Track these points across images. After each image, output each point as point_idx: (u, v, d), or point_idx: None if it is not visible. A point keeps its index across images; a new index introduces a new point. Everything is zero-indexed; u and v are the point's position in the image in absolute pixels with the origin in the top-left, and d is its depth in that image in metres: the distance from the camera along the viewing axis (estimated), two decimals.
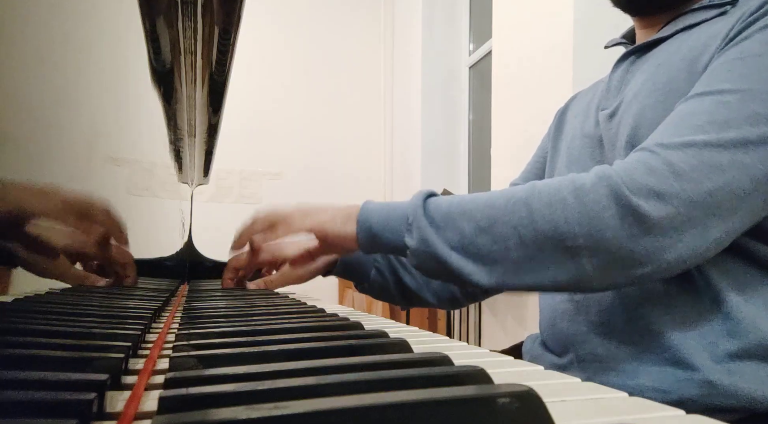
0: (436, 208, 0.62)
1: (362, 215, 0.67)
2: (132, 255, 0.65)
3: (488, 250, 0.58)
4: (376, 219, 0.65)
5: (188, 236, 1.28)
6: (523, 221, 0.56)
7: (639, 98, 0.66)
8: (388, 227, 0.64)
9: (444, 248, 0.60)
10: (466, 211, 0.60)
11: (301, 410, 0.18)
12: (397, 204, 0.65)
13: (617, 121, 0.69)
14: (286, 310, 0.55)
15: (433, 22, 3.59)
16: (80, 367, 0.25)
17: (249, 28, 1.21)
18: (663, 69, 0.66)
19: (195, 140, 1.04)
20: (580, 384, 0.29)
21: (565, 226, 0.54)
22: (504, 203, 0.58)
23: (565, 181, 0.57)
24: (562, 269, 0.55)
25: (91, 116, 0.58)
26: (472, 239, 0.59)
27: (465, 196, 0.62)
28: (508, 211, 0.57)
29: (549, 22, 2.07)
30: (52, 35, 0.45)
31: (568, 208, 0.55)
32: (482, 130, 3.22)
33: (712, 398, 0.56)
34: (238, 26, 0.66)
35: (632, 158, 0.56)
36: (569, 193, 0.55)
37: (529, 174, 0.92)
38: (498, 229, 0.57)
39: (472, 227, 0.59)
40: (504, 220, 0.57)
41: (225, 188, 3.86)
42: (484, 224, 0.58)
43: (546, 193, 0.56)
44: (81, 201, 0.51)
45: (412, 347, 0.33)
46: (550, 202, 0.56)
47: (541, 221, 0.55)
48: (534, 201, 0.57)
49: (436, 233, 0.60)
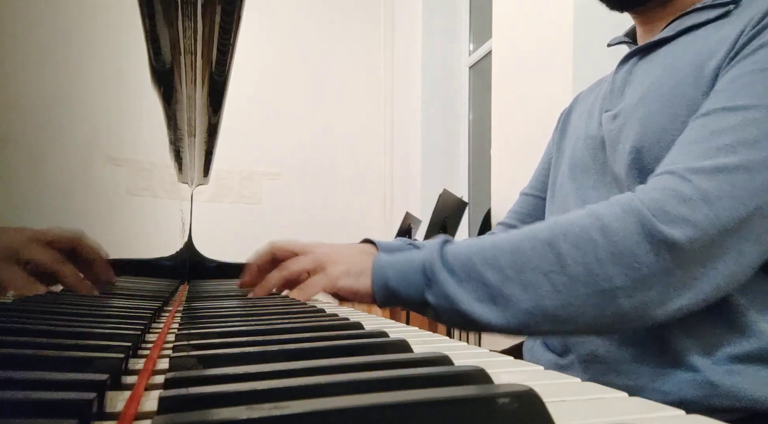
0: (454, 258, 0.58)
1: (377, 271, 0.62)
2: (101, 254, 0.61)
3: (518, 299, 0.54)
4: (392, 274, 0.61)
5: (188, 236, 1.28)
6: (553, 267, 0.53)
7: (645, 103, 0.65)
8: (405, 281, 0.60)
9: (469, 301, 0.56)
10: (488, 258, 0.56)
11: (301, 410, 0.18)
12: (413, 256, 0.61)
13: (620, 123, 0.68)
14: (286, 310, 0.55)
15: (433, 22, 3.59)
16: (80, 367, 0.25)
17: (249, 28, 1.21)
18: (669, 73, 0.65)
19: (195, 140, 1.04)
20: (580, 384, 0.29)
21: (599, 267, 0.52)
22: (529, 248, 0.55)
23: (588, 218, 0.54)
24: (599, 312, 0.53)
25: (91, 116, 0.58)
26: (500, 289, 0.55)
27: (484, 242, 0.58)
28: (536, 256, 0.54)
29: (549, 22, 2.07)
30: (53, 35, 0.45)
31: (599, 249, 0.52)
32: (482, 130, 3.22)
33: (713, 400, 0.56)
34: (238, 26, 0.66)
35: (659, 185, 0.54)
36: (596, 231, 0.53)
37: (537, 182, 0.91)
38: (527, 276, 0.54)
39: (497, 276, 0.55)
40: (532, 266, 0.54)
41: (225, 188, 3.86)
42: (510, 272, 0.55)
43: (572, 234, 0.54)
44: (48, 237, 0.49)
45: (412, 347, 0.33)
46: (577, 243, 0.53)
47: (572, 265, 0.53)
48: (560, 243, 0.54)
49: (459, 285, 0.56)
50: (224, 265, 1.26)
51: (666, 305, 0.53)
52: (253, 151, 3.88)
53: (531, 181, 0.93)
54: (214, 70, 0.79)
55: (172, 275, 1.08)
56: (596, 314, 0.53)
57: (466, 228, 3.22)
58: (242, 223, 3.69)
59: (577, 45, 1.90)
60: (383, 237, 0.84)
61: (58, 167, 0.49)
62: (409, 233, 2.75)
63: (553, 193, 0.83)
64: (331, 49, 4.13)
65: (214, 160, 1.28)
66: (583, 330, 0.56)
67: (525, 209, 0.91)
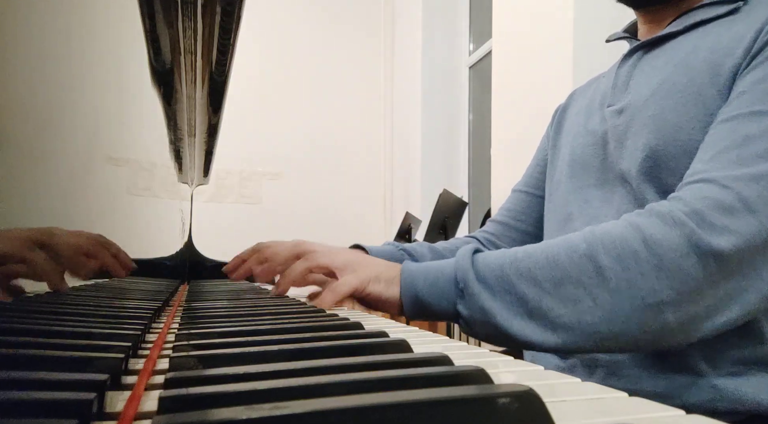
0: (487, 269, 0.56)
1: (406, 280, 0.60)
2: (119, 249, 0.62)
3: (557, 314, 0.52)
4: (422, 284, 0.58)
5: (188, 236, 1.28)
6: (593, 281, 0.51)
7: (657, 99, 0.64)
8: (436, 293, 0.57)
9: (504, 315, 0.54)
10: (523, 271, 0.54)
11: (301, 410, 0.18)
12: (443, 265, 0.59)
13: (627, 118, 0.67)
14: (286, 310, 0.55)
15: (433, 22, 3.59)
16: (80, 367, 0.25)
17: (249, 27, 1.21)
18: (681, 70, 0.63)
19: (195, 140, 1.04)
20: (580, 384, 0.29)
21: (642, 281, 0.50)
22: (566, 260, 0.53)
23: (627, 229, 0.52)
24: (643, 327, 0.51)
25: (91, 116, 0.58)
26: (537, 304, 0.53)
27: (517, 252, 0.56)
28: (574, 269, 0.52)
29: (549, 22, 2.07)
30: (53, 35, 0.45)
31: (642, 262, 0.50)
32: (482, 130, 3.22)
33: (716, 403, 0.56)
34: (238, 26, 0.66)
35: (699, 193, 0.52)
36: (639, 243, 0.51)
37: (531, 178, 0.90)
38: (566, 291, 0.52)
39: (534, 289, 0.53)
40: (571, 280, 0.52)
41: (225, 188, 3.86)
42: (548, 285, 0.53)
43: (612, 247, 0.52)
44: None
45: (412, 347, 0.33)
46: (619, 256, 0.51)
47: (614, 280, 0.51)
48: (600, 256, 0.52)
49: (493, 298, 0.54)
50: (224, 265, 1.26)
51: (713, 318, 0.51)
52: (253, 151, 3.88)
53: (524, 178, 0.93)
54: (214, 70, 0.78)
55: (172, 275, 1.08)
56: (640, 329, 0.51)
57: (466, 228, 3.22)
58: (242, 223, 3.69)
59: (577, 45, 1.90)
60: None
61: (58, 167, 0.49)
62: (409, 233, 2.75)
63: (551, 190, 0.82)
64: (332, 49, 4.13)
65: (214, 160, 1.28)
66: (625, 347, 0.53)
67: (518, 207, 0.90)
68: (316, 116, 4.07)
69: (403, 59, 3.94)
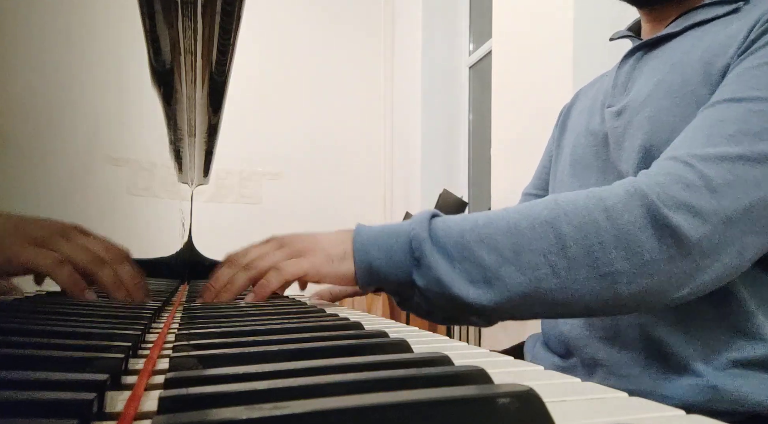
0: (446, 235, 0.54)
1: (359, 249, 0.57)
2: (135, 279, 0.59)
3: (516, 282, 0.52)
4: (375, 253, 0.56)
5: (188, 236, 1.28)
6: (553, 248, 0.51)
7: (653, 99, 0.64)
8: (391, 262, 0.55)
9: (462, 284, 0.53)
10: (483, 237, 0.53)
11: (301, 410, 0.18)
12: (398, 229, 0.56)
13: (626, 119, 0.67)
14: (286, 310, 0.55)
15: (433, 22, 3.59)
16: (80, 367, 0.25)
17: (249, 28, 1.21)
18: (677, 70, 0.63)
19: (195, 140, 1.04)
20: (580, 384, 0.29)
21: (600, 251, 0.50)
22: (528, 227, 0.52)
23: (591, 199, 0.53)
24: (596, 296, 0.51)
25: (91, 116, 0.58)
26: (496, 271, 0.52)
27: (477, 219, 0.55)
28: (535, 237, 0.52)
29: (549, 22, 2.07)
30: (53, 35, 0.45)
31: (601, 231, 0.51)
32: (482, 130, 3.22)
33: (716, 404, 0.56)
34: (238, 26, 0.66)
35: (663, 169, 0.53)
36: (600, 213, 0.51)
37: (540, 180, 0.90)
38: (525, 258, 0.52)
39: (494, 257, 0.52)
40: (531, 247, 0.52)
41: (225, 188, 3.86)
42: (508, 253, 0.52)
43: (574, 215, 0.52)
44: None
45: (412, 347, 0.33)
46: (580, 225, 0.51)
47: (573, 247, 0.51)
48: (562, 224, 0.52)
49: (451, 266, 0.53)
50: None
51: (666, 294, 0.51)
52: (253, 151, 3.88)
53: (533, 180, 0.92)
54: (214, 70, 0.78)
55: (172, 275, 1.08)
56: (593, 298, 0.52)
57: None
58: (242, 223, 3.69)
59: (577, 45, 1.90)
60: None
61: (58, 167, 0.49)
62: None
63: (553, 189, 0.82)
64: (331, 49, 4.13)
65: (214, 160, 1.28)
66: (577, 314, 0.54)
67: None
68: (316, 116, 4.06)
69: (403, 59, 3.94)
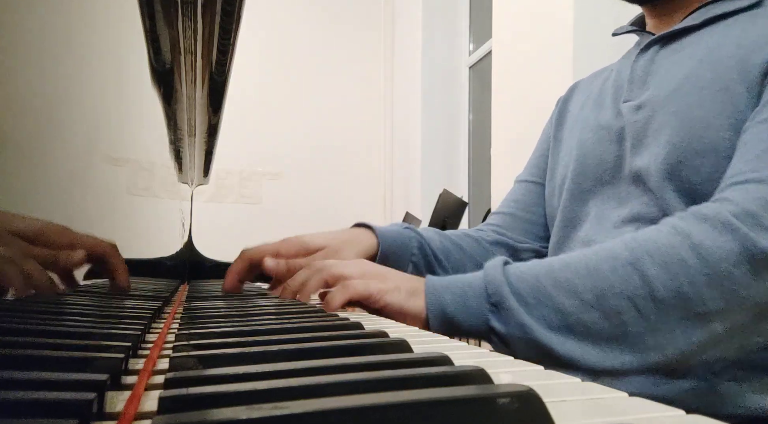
0: (520, 281, 0.52)
1: (431, 293, 0.55)
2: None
3: (600, 328, 0.49)
4: (449, 297, 0.55)
5: (188, 236, 1.28)
6: (639, 291, 0.48)
7: (680, 95, 0.62)
8: (466, 308, 0.54)
9: (542, 330, 0.50)
10: (560, 281, 0.51)
11: (301, 410, 0.18)
12: (470, 279, 0.55)
13: (647, 114, 0.65)
14: (286, 310, 0.55)
15: (433, 22, 3.59)
16: (80, 367, 0.25)
17: (249, 28, 1.21)
18: (706, 65, 0.62)
19: (195, 140, 1.04)
20: (580, 384, 0.29)
21: (691, 291, 0.48)
22: (608, 269, 0.50)
23: (675, 236, 0.50)
24: (690, 337, 0.49)
25: (91, 116, 0.58)
26: (578, 317, 0.50)
27: (552, 263, 0.53)
28: (618, 279, 0.49)
29: (549, 22, 2.07)
30: (53, 35, 0.45)
31: (691, 271, 0.48)
32: (482, 130, 3.22)
33: (718, 407, 0.56)
34: (238, 26, 0.66)
35: (749, 195, 0.50)
36: (687, 251, 0.48)
37: (536, 168, 0.88)
38: (609, 302, 0.49)
39: (574, 302, 0.50)
40: (614, 291, 0.49)
41: (225, 188, 3.86)
42: (589, 297, 0.50)
43: (659, 254, 0.49)
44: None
45: (412, 347, 0.33)
46: (666, 265, 0.48)
47: (661, 289, 0.48)
48: (646, 264, 0.49)
49: (528, 312, 0.51)
50: (224, 265, 1.26)
51: (759, 325, 0.50)
52: (253, 151, 3.88)
53: (527, 168, 0.90)
54: (214, 70, 0.78)
55: (172, 275, 1.08)
56: (686, 340, 0.49)
57: (466, 228, 3.22)
58: (242, 223, 3.70)
59: (577, 45, 1.90)
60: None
61: (58, 167, 0.49)
62: None
63: (555, 185, 0.80)
64: (332, 49, 4.14)
65: (214, 160, 1.28)
66: (670, 358, 0.50)
67: (526, 197, 0.87)
68: (316, 116, 4.07)
69: (403, 59, 3.94)
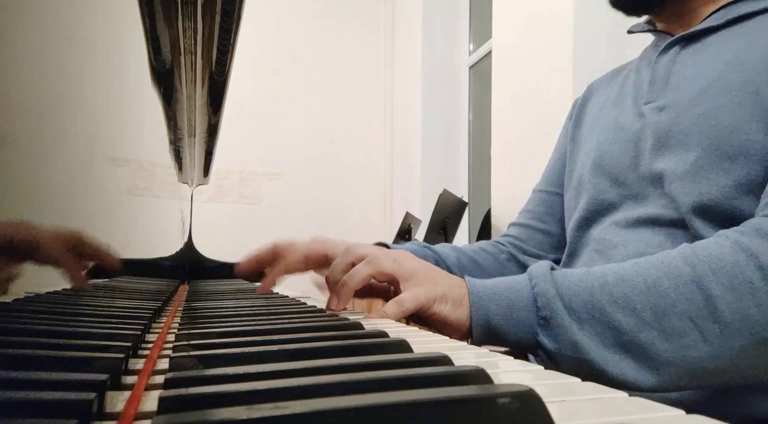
0: (573, 294, 0.50)
1: (476, 303, 0.53)
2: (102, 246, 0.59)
3: (658, 349, 0.47)
4: (495, 308, 0.52)
5: (188, 236, 1.28)
6: (703, 312, 0.46)
7: (707, 97, 0.61)
8: (513, 320, 0.52)
9: (597, 349, 0.48)
10: (618, 297, 0.49)
11: (301, 410, 0.18)
12: (518, 287, 0.53)
13: (671, 116, 0.64)
14: (286, 310, 0.55)
15: (433, 22, 3.59)
16: (80, 367, 0.25)
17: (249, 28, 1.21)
18: (734, 67, 0.61)
19: (195, 140, 1.04)
20: (581, 384, 0.29)
21: (759, 314, 0.46)
22: (671, 287, 0.48)
23: (740, 254, 0.48)
24: (754, 363, 0.47)
25: (91, 116, 0.58)
26: (634, 336, 0.47)
27: (606, 275, 0.50)
28: (681, 298, 0.47)
29: (549, 22, 2.07)
30: (53, 35, 0.45)
31: (758, 293, 0.46)
32: (482, 130, 3.22)
33: (717, 407, 0.55)
34: (238, 26, 0.66)
35: None
36: (755, 272, 0.46)
37: (552, 177, 0.87)
38: (670, 322, 0.47)
39: (632, 320, 0.48)
40: (676, 310, 0.47)
41: (225, 188, 3.86)
42: (648, 316, 0.47)
43: (724, 274, 0.47)
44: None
45: (412, 347, 0.33)
46: (732, 286, 0.46)
47: (727, 311, 0.46)
48: (711, 284, 0.47)
49: (581, 329, 0.49)
50: (224, 265, 1.26)
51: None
52: (253, 151, 3.88)
53: (545, 177, 0.89)
54: (214, 70, 0.78)
55: (172, 275, 1.08)
56: (749, 365, 0.47)
57: (466, 228, 3.22)
58: (242, 223, 3.69)
59: (577, 45, 1.90)
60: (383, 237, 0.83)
61: (58, 167, 0.49)
62: (409, 233, 2.75)
63: (570, 186, 0.79)
64: (332, 49, 4.13)
65: (214, 160, 1.28)
66: (729, 382, 0.49)
67: (541, 208, 0.87)
68: (316, 116, 4.07)
69: (403, 59, 3.94)
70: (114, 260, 0.61)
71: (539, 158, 0.93)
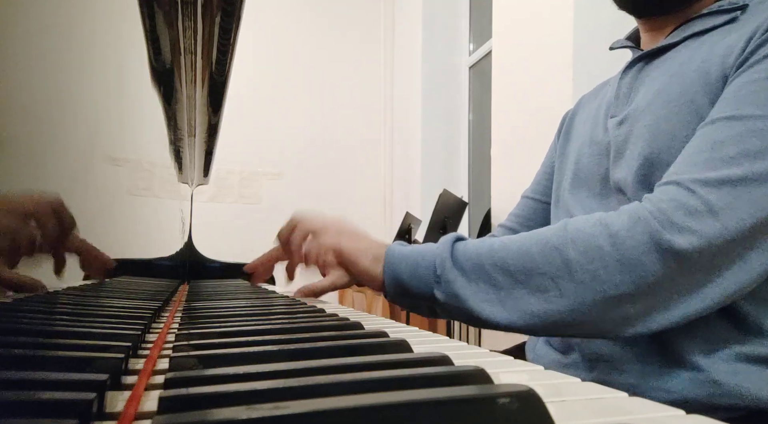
0: (465, 257, 0.60)
1: (389, 261, 0.64)
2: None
3: (526, 302, 0.56)
4: (404, 267, 0.63)
5: (188, 236, 1.28)
6: (561, 272, 0.55)
7: (652, 109, 0.65)
8: (415, 276, 0.62)
9: (476, 301, 0.58)
10: (497, 260, 0.58)
11: (301, 410, 0.18)
12: (425, 250, 0.63)
13: (627, 129, 0.68)
14: (286, 310, 0.55)
15: (433, 22, 3.59)
16: (80, 367, 0.25)
17: (249, 28, 1.21)
18: (676, 80, 0.64)
19: (195, 140, 1.04)
20: (580, 384, 0.29)
21: (606, 275, 0.53)
22: (538, 252, 0.57)
23: (597, 225, 0.56)
24: (605, 317, 0.55)
25: (91, 116, 0.58)
26: (508, 292, 0.57)
27: (494, 243, 0.60)
28: (544, 260, 0.56)
29: (549, 22, 2.07)
30: (53, 35, 0.45)
31: (606, 257, 0.54)
32: (482, 130, 3.22)
33: (717, 398, 0.56)
34: (238, 26, 0.66)
35: (666, 195, 0.55)
36: (605, 240, 0.54)
37: (538, 185, 0.91)
38: (535, 281, 0.56)
39: (506, 278, 0.57)
40: (540, 271, 0.56)
41: (225, 188, 3.86)
42: (519, 275, 0.57)
43: (581, 241, 0.55)
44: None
45: (412, 347, 0.33)
46: (585, 250, 0.55)
47: (580, 272, 0.54)
48: (569, 249, 0.55)
49: (468, 284, 0.59)
50: (224, 265, 1.26)
51: (670, 311, 0.54)
52: (253, 151, 3.88)
53: (532, 184, 0.93)
54: (214, 70, 0.79)
55: (172, 275, 1.08)
56: (601, 319, 0.55)
57: (466, 228, 3.22)
58: (242, 223, 3.69)
59: (577, 45, 1.90)
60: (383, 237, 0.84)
61: (58, 167, 0.49)
62: (409, 233, 2.75)
63: (557, 198, 0.82)
64: (331, 49, 4.13)
65: (214, 160, 1.28)
66: (587, 334, 0.57)
67: (525, 213, 0.91)
68: (316, 116, 4.06)
69: (403, 59, 3.94)
70: (98, 254, 0.60)
71: (539, 158, 0.94)
